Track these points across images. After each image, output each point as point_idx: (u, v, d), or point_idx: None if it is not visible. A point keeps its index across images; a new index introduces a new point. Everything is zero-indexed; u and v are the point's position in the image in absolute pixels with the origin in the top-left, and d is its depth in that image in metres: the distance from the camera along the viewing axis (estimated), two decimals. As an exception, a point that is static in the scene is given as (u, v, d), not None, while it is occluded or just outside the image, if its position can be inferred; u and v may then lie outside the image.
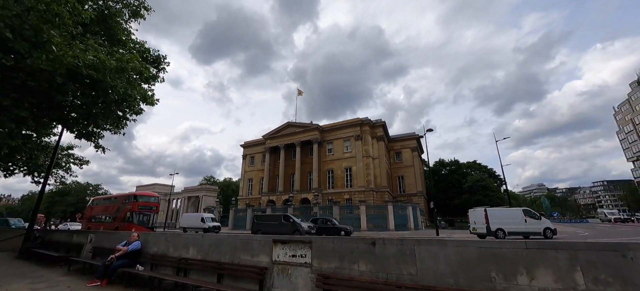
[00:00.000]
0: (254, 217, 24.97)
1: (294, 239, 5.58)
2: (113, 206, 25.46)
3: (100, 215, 26.63)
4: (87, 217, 28.40)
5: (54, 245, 12.66)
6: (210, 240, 6.80)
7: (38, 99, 9.03)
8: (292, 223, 23.66)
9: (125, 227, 21.00)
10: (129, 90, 10.82)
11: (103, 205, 27.76)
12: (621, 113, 73.18)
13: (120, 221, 22.95)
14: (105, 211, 26.32)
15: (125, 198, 24.94)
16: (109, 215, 25.25)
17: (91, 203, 30.33)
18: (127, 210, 23.10)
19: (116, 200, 25.89)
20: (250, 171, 56.66)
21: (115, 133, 13.12)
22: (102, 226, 24.57)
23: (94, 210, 28.38)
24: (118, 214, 23.83)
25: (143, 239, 8.17)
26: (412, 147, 53.52)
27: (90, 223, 27.05)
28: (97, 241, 10.26)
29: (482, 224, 18.16)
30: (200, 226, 29.01)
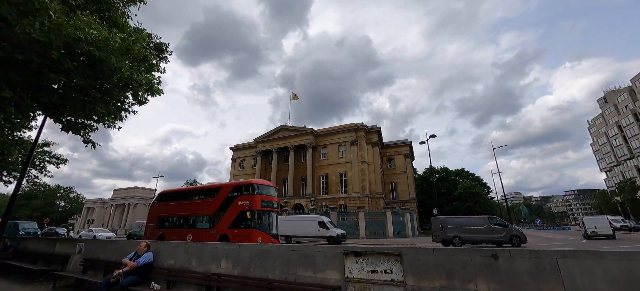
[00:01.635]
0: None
1: (374, 250, 4.49)
2: (208, 202, 17.18)
3: (182, 217, 18.17)
4: (152, 220, 19.40)
5: (30, 255, 10.69)
6: (250, 251, 5.53)
7: (25, 78, 7.42)
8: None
9: (241, 236, 14.24)
10: (135, 74, 9.37)
11: (187, 202, 18.66)
12: (595, 126, 77.71)
13: (228, 226, 15.37)
14: (193, 210, 17.82)
15: (232, 189, 16.81)
16: (202, 216, 17.19)
17: (159, 200, 20.92)
18: (243, 207, 15.23)
19: (214, 193, 17.39)
20: (240, 175, 54.36)
21: (109, 126, 11.46)
22: (190, 235, 16.54)
23: (169, 209, 19.19)
24: (221, 214, 16.04)
25: (154, 249, 6.74)
26: (404, 154, 53.59)
27: (162, 229, 18.40)
28: (88, 252, 8.59)
29: None
30: (318, 234, 22.22)
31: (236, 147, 57.35)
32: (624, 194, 55.59)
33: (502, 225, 17.63)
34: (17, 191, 13.07)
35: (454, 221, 18.50)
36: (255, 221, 14.80)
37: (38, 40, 6.76)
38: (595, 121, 78.18)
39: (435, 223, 19.07)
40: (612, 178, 71.70)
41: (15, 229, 27.52)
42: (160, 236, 17.76)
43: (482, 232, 17.41)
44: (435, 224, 19.01)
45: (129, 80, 9.14)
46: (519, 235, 17.06)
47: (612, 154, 70.86)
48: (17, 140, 14.99)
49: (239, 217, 15.22)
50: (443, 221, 18.33)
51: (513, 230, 17.42)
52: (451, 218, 19.17)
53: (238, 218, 15.19)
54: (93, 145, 11.77)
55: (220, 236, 15.15)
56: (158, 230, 18.43)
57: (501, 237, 16.98)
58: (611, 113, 70.61)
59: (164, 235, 17.83)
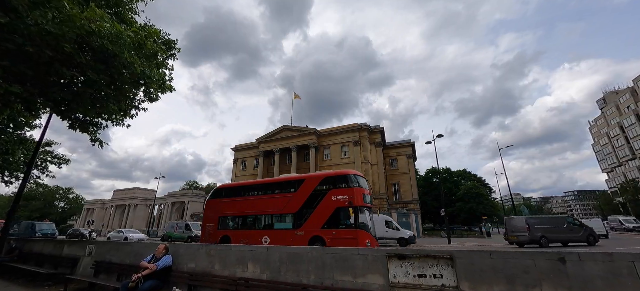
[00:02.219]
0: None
1: (421, 252, 4.19)
2: (288, 198, 14.19)
3: (254, 215, 15.18)
4: (211, 220, 16.44)
5: (35, 257, 10.33)
6: (280, 254, 5.21)
7: (35, 72, 7.08)
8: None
9: (343, 238, 11.66)
10: (147, 70, 9.05)
11: (258, 198, 15.60)
12: (596, 126, 77.76)
13: (321, 225, 12.58)
14: (268, 207, 14.73)
15: (320, 181, 13.78)
16: (282, 215, 14.22)
17: (216, 196, 17.52)
18: (340, 203, 12.43)
19: (296, 187, 14.30)
20: (242, 176, 53.97)
21: (118, 124, 11.13)
22: (266, 237, 13.76)
23: (233, 206, 16.08)
24: (309, 212, 13.20)
25: (172, 252, 6.42)
26: (407, 154, 53.32)
27: (226, 230, 15.55)
28: (99, 254, 8.24)
29: None
30: (386, 235, 20.74)
31: (238, 148, 56.95)
32: (627, 195, 55.54)
33: (578, 224, 18.15)
34: (21, 191, 12.72)
35: (539, 221, 18.45)
36: (359, 221, 12.15)
37: (50, 32, 6.44)
38: (596, 122, 78.23)
39: (517, 223, 18.47)
40: (613, 179, 71.70)
41: (32, 230, 25.67)
42: (223, 239, 15.11)
43: (562, 232, 17.62)
44: (516, 224, 18.44)
45: (142, 75, 8.83)
46: (593, 235, 17.43)
47: (613, 155, 70.87)
48: (21, 139, 14.61)
49: (335, 214, 12.50)
50: (529, 221, 17.99)
51: (588, 230, 17.79)
52: (535, 218, 19.14)
53: (334, 217, 12.51)
54: (100, 143, 11.44)
55: (312, 238, 12.42)
56: (220, 231, 15.66)
57: (579, 236, 17.40)
58: (613, 114, 70.66)
59: (229, 237, 15.06)
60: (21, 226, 27.99)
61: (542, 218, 18.93)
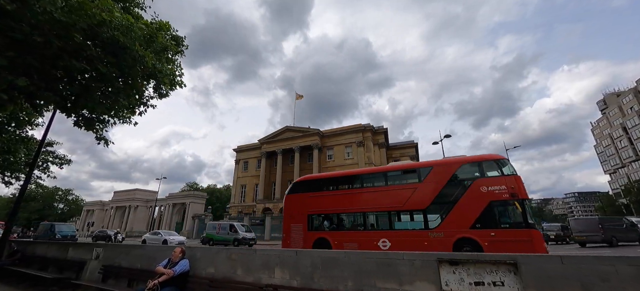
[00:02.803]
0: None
1: (478, 257, 3.77)
2: (410, 190, 11.47)
3: (362, 213, 12.26)
4: (297, 219, 13.48)
5: (38, 261, 9.88)
6: (312, 259, 4.79)
7: (42, 64, 6.66)
8: None
9: (510, 241, 9.20)
10: (159, 64, 8.65)
11: (366, 192, 12.66)
12: (599, 128, 77.56)
13: (470, 224, 10.04)
14: (383, 202, 11.95)
15: (459, 167, 11.19)
16: (405, 212, 11.49)
17: (302, 189, 14.46)
18: (496, 195, 9.93)
19: (420, 176, 11.65)
20: (244, 177, 53.56)
21: (124, 122, 10.73)
22: (384, 239, 11.12)
23: (329, 201, 13.25)
24: (448, 207, 10.56)
25: (189, 255, 5.99)
26: (410, 155, 52.87)
27: (320, 231, 12.90)
28: (108, 258, 7.80)
29: None
30: None
31: (240, 148, 56.53)
32: (632, 196, 55.21)
33: (631, 224, 18.48)
34: (24, 191, 12.28)
35: (610, 221, 18.68)
36: (529, 218, 9.48)
37: (59, 21, 6.03)
38: (598, 123, 78.05)
39: (587, 223, 18.67)
40: (616, 180, 71.40)
41: (51, 232, 24.45)
42: (319, 242, 12.29)
43: (623, 232, 17.88)
44: (585, 224, 18.62)
45: (153, 70, 8.42)
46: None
47: (616, 156, 70.62)
48: (23, 138, 14.17)
49: (488, 211, 9.82)
50: (602, 221, 18.07)
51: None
52: (605, 218, 19.28)
53: (488, 214, 9.80)
54: (106, 142, 11.02)
55: (458, 241, 9.90)
56: (313, 233, 12.80)
57: (634, 236, 17.88)
58: (615, 115, 70.49)
59: (327, 240, 12.20)
60: (40, 228, 27.11)
61: (612, 219, 19.47)
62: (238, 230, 24.32)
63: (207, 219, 42.39)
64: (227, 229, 24.98)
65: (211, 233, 25.66)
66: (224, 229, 25.35)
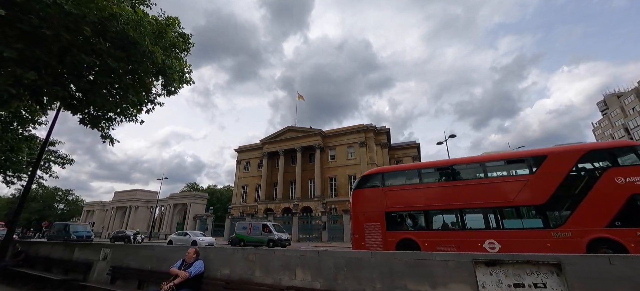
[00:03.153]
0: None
1: (517, 258, 3.57)
2: (521, 183, 10.13)
3: (459, 210, 10.60)
4: (373, 218, 11.74)
5: (42, 262, 9.65)
6: (335, 259, 4.58)
7: (50, 58, 6.46)
8: None
9: None
10: (168, 60, 8.46)
11: (462, 185, 11.14)
12: (600, 128, 77.45)
13: (605, 223, 8.64)
14: (485, 197, 10.38)
15: (582, 155, 9.67)
16: (517, 208, 10.15)
17: (372, 182, 12.72)
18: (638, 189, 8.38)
19: (532, 166, 10.26)
20: (245, 177, 53.32)
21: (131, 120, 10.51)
22: (491, 241, 9.74)
23: (413, 197, 11.63)
24: (572, 203, 9.23)
25: (203, 256, 5.78)
26: (413, 156, 52.73)
27: (404, 231, 11.26)
28: (116, 259, 7.58)
29: None
30: None
31: (241, 149, 56.31)
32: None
33: None
34: (27, 192, 12.05)
35: None
36: None
37: (70, 13, 5.84)
38: (600, 123, 77.94)
39: None
40: (618, 181, 71.11)
41: (66, 232, 23.32)
42: (404, 244, 10.66)
43: None
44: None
45: (163, 66, 8.23)
46: None
47: (618, 157, 70.41)
48: (26, 137, 13.95)
49: (630, 205, 8.35)
50: None
51: None
52: None
53: (630, 209, 8.34)
54: (111, 140, 10.81)
55: (593, 242, 8.55)
56: (394, 233, 11.07)
57: None
58: (617, 115, 70.37)
59: (415, 241, 10.58)
60: (54, 228, 26.06)
61: None
62: (272, 230, 22.80)
63: (209, 220, 42.16)
64: (259, 229, 23.34)
65: (242, 234, 23.95)
66: (256, 229, 23.67)
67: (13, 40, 5.70)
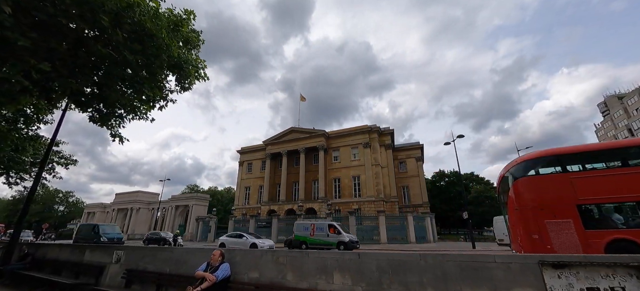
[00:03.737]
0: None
1: (589, 259, 3.24)
2: None
3: None
4: (553, 211, 9.25)
5: (51, 264, 9.30)
6: (378, 261, 4.25)
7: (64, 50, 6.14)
8: None
9: None
10: (184, 54, 8.16)
11: None
12: (603, 129, 77.26)
13: None
14: None
15: None
16: None
17: (549, 165, 10.35)
18: None
19: None
20: (248, 179, 52.94)
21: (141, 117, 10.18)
22: None
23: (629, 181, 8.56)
24: None
25: (227, 259, 5.44)
26: (416, 157, 52.49)
27: (610, 228, 8.83)
28: (131, 261, 7.23)
29: None
30: None
31: (243, 150, 55.97)
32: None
33: None
34: (33, 192, 11.72)
35: None
36: None
37: (86, 1, 5.53)
38: (603, 125, 77.74)
39: None
40: (621, 182, 70.82)
41: (95, 233, 21.40)
42: (616, 246, 8.31)
43: None
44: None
45: (178, 60, 7.93)
46: None
47: (621, 158, 70.16)
48: (31, 136, 13.60)
49: None
50: None
51: None
52: None
53: None
54: (121, 139, 10.47)
55: None
56: (597, 232, 8.74)
57: None
58: (620, 117, 70.21)
59: (636, 242, 8.20)
60: (81, 229, 24.08)
61: None
62: (341, 231, 20.39)
63: (212, 221, 41.70)
64: (325, 230, 20.61)
65: (303, 235, 21.16)
66: (320, 230, 20.86)
67: (27, 29, 5.39)
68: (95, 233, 21.22)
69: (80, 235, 23.09)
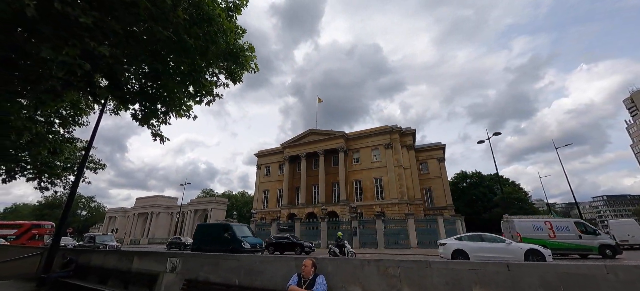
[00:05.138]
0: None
1: None
2: None
3: None
4: None
5: (95, 272, 8.70)
6: (542, 274, 3.25)
7: (119, 35, 5.48)
8: None
9: None
10: (238, 42, 7.44)
11: None
12: (635, 126, 72.90)
13: None
14: None
15: None
16: None
17: None
18: None
19: None
20: (266, 182, 52.47)
21: (184, 115, 9.51)
22: None
23: None
24: None
25: (318, 269, 4.55)
26: (438, 157, 50.60)
27: None
28: (190, 270, 6.45)
29: None
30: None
31: (261, 153, 55.64)
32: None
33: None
34: (73, 196, 11.32)
35: None
36: None
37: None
38: (635, 121, 73.38)
39: None
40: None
41: (230, 238, 15.83)
42: None
43: None
44: None
45: (234, 47, 7.20)
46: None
47: (658, 156, 65.85)
48: (68, 138, 13.28)
49: None
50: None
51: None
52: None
53: None
54: (162, 139, 9.87)
55: None
56: None
57: None
58: (656, 112, 66.09)
59: None
60: (213, 229, 18.40)
61: None
62: (595, 230, 16.49)
63: (232, 225, 41.21)
64: (571, 230, 16.32)
65: (534, 237, 16.37)
66: (563, 230, 16.44)
67: (87, 6, 4.73)
68: (229, 238, 15.61)
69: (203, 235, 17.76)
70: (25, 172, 15.37)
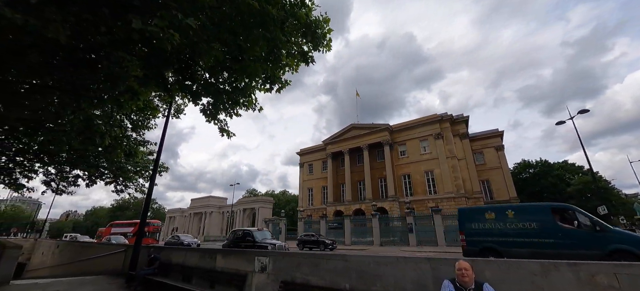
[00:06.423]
0: None
1: None
2: None
3: None
4: None
5: (177, 270, 8.65)
6: None
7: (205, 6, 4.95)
8: None
9: None
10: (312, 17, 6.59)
11: None
12: None
13: None
14: None
15: None
16: None
17: None
18: None
19: None
20: (309, 180, 52.49)
21: (250, 108, 9.00)
22: None
23: None
24: None
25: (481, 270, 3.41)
26: (496, 146, 45.65)
27: None
28: (283, 270, 5.79)
29: None
30: None
31: (303, 151, 55.87)
32: None
33: None
34: (150, 194, 11.69)
35: None
36: None
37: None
38: None
39: None
40: None
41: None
42: None
43: None
44: None
45: (311, 22, 6.37)
46: None
47: None
48: (140, 141, 13.92)
49: None
50: None
51: None
52: None
53: None
54: (228, 134, 9.48)
55: None
56: None
57: None
58: None
59: None
60: None
61: None
62: None
63: (281, 223, 41.74)
64: None
65: None
66: None
67: None
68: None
69: None
70: (104, 177, 16.64)
